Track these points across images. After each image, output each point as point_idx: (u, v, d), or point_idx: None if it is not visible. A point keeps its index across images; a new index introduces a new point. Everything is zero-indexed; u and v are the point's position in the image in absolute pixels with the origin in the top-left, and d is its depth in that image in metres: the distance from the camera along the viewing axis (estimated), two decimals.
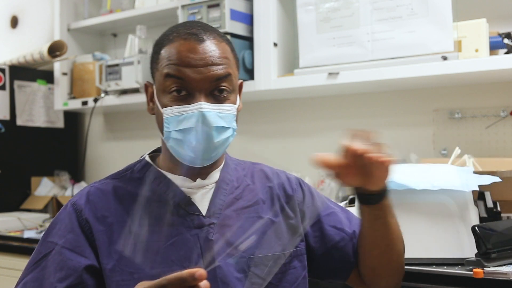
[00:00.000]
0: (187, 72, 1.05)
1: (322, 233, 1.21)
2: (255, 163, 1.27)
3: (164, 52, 1.09)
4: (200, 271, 0.79)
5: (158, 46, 1.12)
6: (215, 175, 1.16)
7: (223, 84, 1.07)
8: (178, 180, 1.13)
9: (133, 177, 1.15)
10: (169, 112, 1.07)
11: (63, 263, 1.04)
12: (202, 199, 1.12)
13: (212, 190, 1.14)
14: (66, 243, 1.06)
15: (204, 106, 1.04)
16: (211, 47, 1.06)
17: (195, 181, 1.13)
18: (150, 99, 1.15)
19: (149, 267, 1.04)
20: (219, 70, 1.06)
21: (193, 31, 1.07)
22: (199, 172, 1.13)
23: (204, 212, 1.11)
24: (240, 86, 1.18)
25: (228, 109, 1.08)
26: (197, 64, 1.05)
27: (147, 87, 1.16)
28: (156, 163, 1.17)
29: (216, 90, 1.07)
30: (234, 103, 1.11)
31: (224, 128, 1.08)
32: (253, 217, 1.14)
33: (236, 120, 1.12)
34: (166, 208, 1.10)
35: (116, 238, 1.06)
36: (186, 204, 1.10)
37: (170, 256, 1.06)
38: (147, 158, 1.18)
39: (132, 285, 0.98)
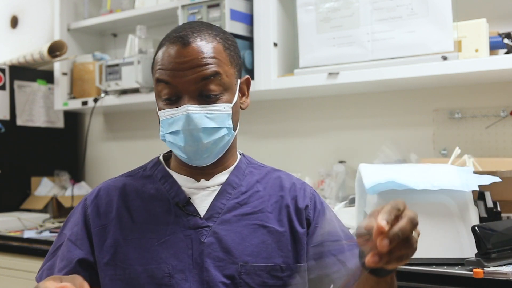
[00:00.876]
0: (172, 75, 1.06)
1: (320, 257, 1.12)
2: (276, 169, 1.23)
3: (157, 56, 1.11)
4: None
5: (156, 50, 1.14)
6: (221, 177, 1.14)
7: (211, 85, 1.06)
8: (182, 179, 1.14)
9: (144, 175, 1.18)
10: (162, 115, 1.09)
11: (65, 254, 1.11)
12: (203, 201, 1.12)
13: (215, 193, 1.13)
14: (71, 236, 1.13)
15: (190, 108, 1.05)
16: (196, 49, 1.06)
17: (198, 181, 1.13)
18: None
19: (140, 263, 1.07)
20: (204, 70, 1.06)
21: (181, 34, 1.08)
22: (202, 173, 1.13)
23: (202, 214, 1.10)
24: (248, 82, 1.18)
25: (219, 109, 1.08)
26: (181, 67, 1.06)
27: None
28: (168, 162, 1.19)
29: (204, 92, 1.07)
30: (229, 101, 1.09)
31: (214, 129, 1.07)
32: (255, 225, 1.11)
33: (234, 118, 1.11)
34: (165, 207, 1.11)
35: (114, 233, 1.10)
36: (184, 204, 1.11)
37: (160, 253, 1.07)
38: (160, 157, 1.20)
39: (124, 280, 1.06)
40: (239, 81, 1.15)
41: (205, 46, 1.07)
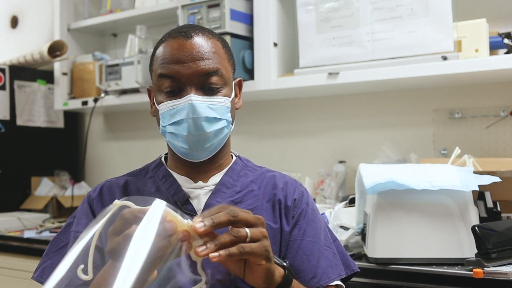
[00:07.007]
0: (176, 68, 1.09)
1: (295, 253, 1.13)
2: (271, 170, 1.25)
3: (157, 53, 1.14)
4: None
5: (154, 50, 1.17)
6: (216, 178, 1.17)
7: (213, 78, 1.11)
8: (181, 179, 1.16)
9: (146, 175, 1.21)
10: (163, 108, 1.12)
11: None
12: (200, 200, 1.14)
13: (211, 192, 1.15)
14: (81, 229, 1.13)
15: (194, 98, 1.08)
16: (198, 43, 1.11)
17: (196, 182, 1.16)
18: (153, 102, 1.20)
19: None
20: (207, 65, 1.10)
21: (182, 30, 1.13)
22: (199, 172, 1.16)
23: (199, 213, 1.11)
24: (240, 83, 1.22)
25: (220, 101, 1.12)
26: (185, 59, 1.09)
27: (149, 91, 1.22)
28: (167, 163, 1.22)
29: (206, 85, 1.11)
30: (228, 96, 1.14)
31: (216, 119, 1.11)
32: None
33: (232, 113, 1.15)
34: None
35: None
36: (183, 203, 1.13)
37: (156, 245, 1.07)
38: (162, 158, 1.23)
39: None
40: (233, 81, 1.19)
41: (206, 41, 1.12)
